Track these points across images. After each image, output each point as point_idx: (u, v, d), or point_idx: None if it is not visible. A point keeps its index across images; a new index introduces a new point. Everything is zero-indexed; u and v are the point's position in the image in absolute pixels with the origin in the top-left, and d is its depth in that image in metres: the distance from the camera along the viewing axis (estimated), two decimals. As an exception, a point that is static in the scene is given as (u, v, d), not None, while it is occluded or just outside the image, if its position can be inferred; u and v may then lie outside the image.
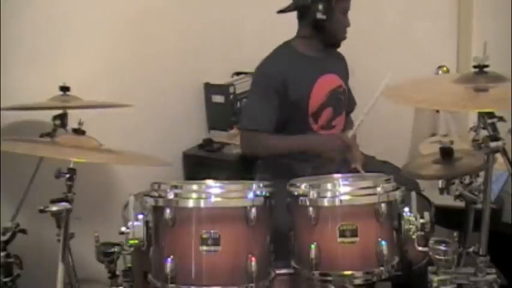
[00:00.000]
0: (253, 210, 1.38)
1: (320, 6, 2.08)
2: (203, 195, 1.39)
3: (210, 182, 1.45)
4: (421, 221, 1.47)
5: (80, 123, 1.77)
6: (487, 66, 1.44)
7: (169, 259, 1.37)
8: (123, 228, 1.44)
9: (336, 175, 1.68)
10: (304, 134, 2.15)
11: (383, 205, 1.43)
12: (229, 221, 1.40)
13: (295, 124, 2.16)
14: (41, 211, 1.54)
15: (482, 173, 1.61)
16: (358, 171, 2.04)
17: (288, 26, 2.22)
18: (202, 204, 1.39)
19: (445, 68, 2.68)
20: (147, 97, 2.51)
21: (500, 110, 1.38)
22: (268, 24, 2.31)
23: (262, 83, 2.15)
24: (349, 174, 1.72)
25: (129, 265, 1.60)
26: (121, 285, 1.59)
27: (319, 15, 2.09)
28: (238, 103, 2.86)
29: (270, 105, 2.11)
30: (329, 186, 1.47)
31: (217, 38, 2.88)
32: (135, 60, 2.45)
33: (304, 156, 2.12)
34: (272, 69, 2.15)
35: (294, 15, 2.19)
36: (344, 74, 2.33)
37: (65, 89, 1.91)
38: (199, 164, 2.77)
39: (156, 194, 1.43)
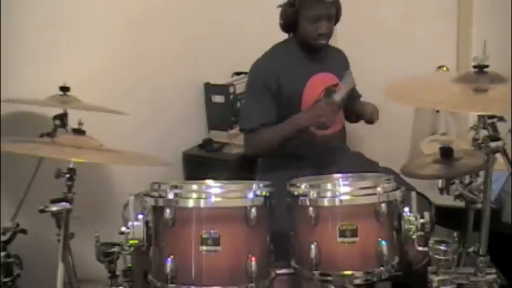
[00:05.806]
0: (253, 210, 1.38)
1: (284, 12, 2.12)
2: (203, 195, 1.39)
3: (210, 182, 1.45)
4: (421, 221, 1.46)
5: (80, 123, 1.77)
6: (487, 66, 1.44)
7: (169, 259, 1.37)
8: (123, 228, 1.44)
9: (335, 175, 1.68)
10: (301, 133, 2.15)
11: (383, 205, 1.43)
12: (229, 221, 1.40)
13: None
14: (41, 211, 1.55)
15: (482, 173, 1.60)
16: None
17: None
18: (202, 204, 1.39)
19: (445, 68, 2.68)
20: (147, 97, 2.52)
21: (500, 112, 1.38)
22: (267, 24, 2.30)
23: (256, 81, 2.16)
24: (349, 174, 1.71)
25: (129, 265, 1.60)
26: (121, 285, 1.59)
27: (280, 21, 2.14)
28: (238, 103, 2.86)
29: (265, 102, 2.10)
30: (329, 186, 1.47)
31: (217, 38, 2.89)
32: (135, 60, 2.44)
33: (303, 153, 2.13)
34: (265, 67, 2.15)
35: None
36: (342, 72, 2.31)
37: (64, 89, 1.91)
38: (199, 164, 2.77)
39: (156, 194, 1.43)
